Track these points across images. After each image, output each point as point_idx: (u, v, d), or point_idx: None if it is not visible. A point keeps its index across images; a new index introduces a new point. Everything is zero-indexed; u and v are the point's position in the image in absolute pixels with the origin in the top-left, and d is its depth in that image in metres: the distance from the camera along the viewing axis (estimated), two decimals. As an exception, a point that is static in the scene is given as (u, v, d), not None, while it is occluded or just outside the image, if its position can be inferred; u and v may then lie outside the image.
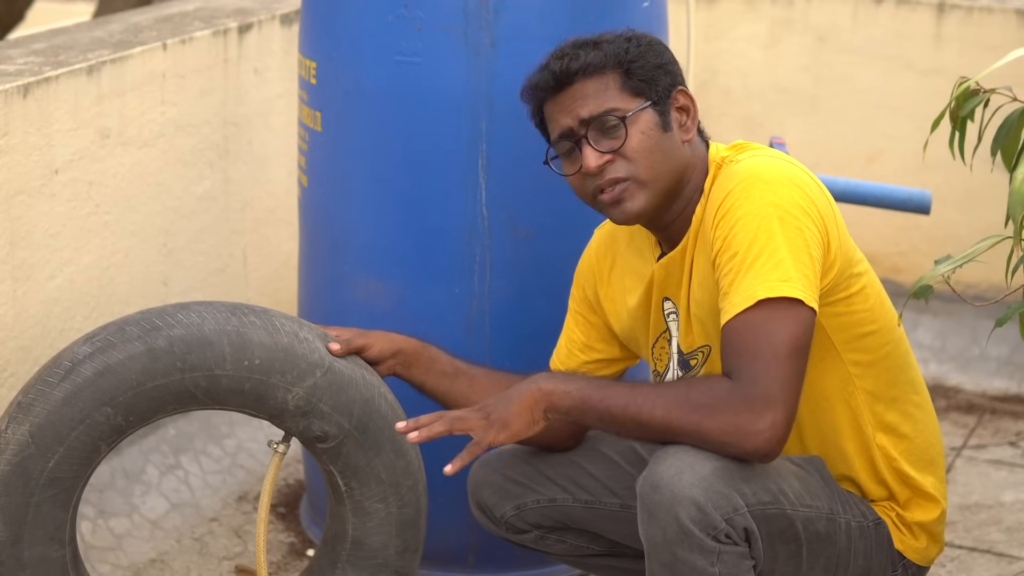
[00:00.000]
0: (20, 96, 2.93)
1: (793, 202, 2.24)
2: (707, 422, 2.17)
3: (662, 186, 2.35)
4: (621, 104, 2.35)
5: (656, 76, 2.36)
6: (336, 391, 2.48)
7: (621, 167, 2.34)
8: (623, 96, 2.35)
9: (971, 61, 4.13)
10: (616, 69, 2.35)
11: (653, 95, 2.36)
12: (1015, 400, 4.02)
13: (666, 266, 2.42)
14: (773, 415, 2.15)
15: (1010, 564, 3.19)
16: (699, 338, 2.40)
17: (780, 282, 2.19)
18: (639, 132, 2.34)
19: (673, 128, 2.37)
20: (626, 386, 2.29)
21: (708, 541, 2.16)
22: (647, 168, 2.34)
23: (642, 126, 2.35)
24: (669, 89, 2.37)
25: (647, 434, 2.25)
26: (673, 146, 2.37)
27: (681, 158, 2.37)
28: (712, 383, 2.20)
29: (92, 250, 3.17)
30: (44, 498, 2.41)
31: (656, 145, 2.35)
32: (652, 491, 2.17)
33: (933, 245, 4.27)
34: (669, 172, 2.36)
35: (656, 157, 2.35)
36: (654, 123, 2.35)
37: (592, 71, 2.35)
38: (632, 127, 2.34)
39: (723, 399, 2.17)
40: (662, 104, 2.36)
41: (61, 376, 2.40)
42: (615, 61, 2.35)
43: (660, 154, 2.35)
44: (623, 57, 2.35)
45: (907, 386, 2.45)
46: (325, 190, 2.99)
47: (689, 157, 2.39)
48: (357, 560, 2.61)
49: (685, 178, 2.38)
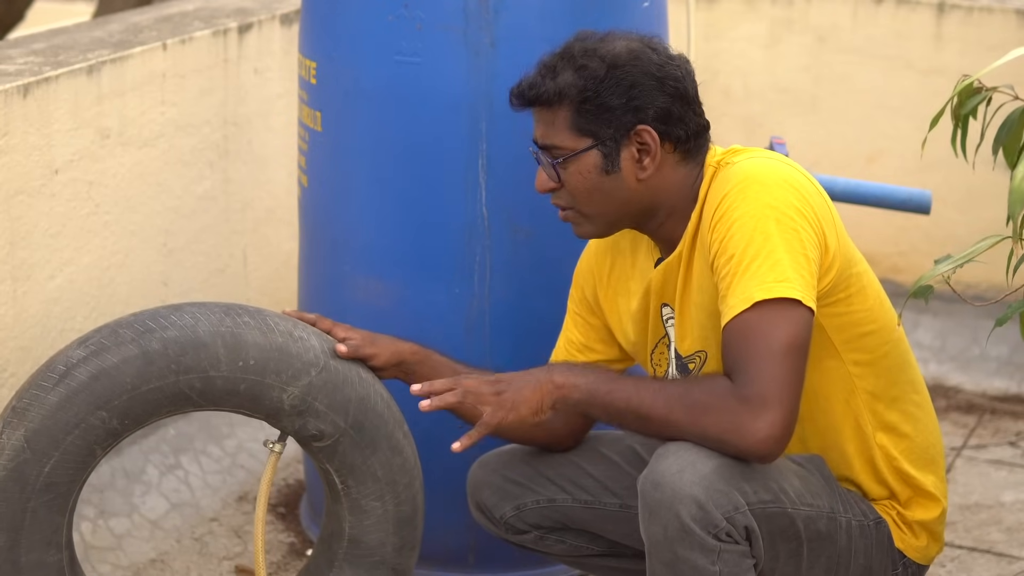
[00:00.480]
0: (20, 96, 2.93)
1: (789, 203, 2.24)
2: (706, 421, 2.17)
3: (608, 219, 2.38)
4: (565, 142, 2.34)
5: (610, 117, 2.32)
6: (331, 390, 2.49)
7: (564, 197, 2.38)
8: (569, 134, 2.34)
9: (971, 61, 4.13)
10: (568, 105, 2.34)
11: (603, 135, 2.33)
12: (1015, 400, 4.02)
13: (663, 271, 2.42)
14: (771, 415, 2.15)
15: (1010, 564, 3.19)
16: (697, 342, 2.40)
17: (777, 283, 2.19)
18: (577, 173, 2.35)
19: (621, 168, 2.34)
20: (631, 381, 2.30)
21: (709, 539, 2.16)
22: (585, 205, 2.37)
23: (581, 167, 2.35)
24: (627, 128, 2.33)
25: (649, 429, 2.26)
26: (618, 187, 2.35)
27: (630, 196, 2.35)
28: (713, 382, 2.20)
29: (92, 250, 3.17)
30: (40, 503, 2.41)
31: (594, 187, 2.35)
32: (653, 489, 2.17)
33: (933, 245, 4.27)
34: (613, 209, 2.36)
35: (595, 197, 2.36)
36: (594, 166, 2.34)
37: (544, 101, 2.35)
38: (570, 167, 2.35)
39: (722, 398, 2.17)
40: (612, 144, 2.33)
41: (55, 380, 2.40)
42: (569, 98, 2.33)
43: (599, 194, 2.35)
44: (577, 96, 2.33)
45: (907, 386, 2.45)
46: (325, 190, 2.98)
47: (645, 192, 2.35)
48: (354, 558, 2.61)
49: (647, 207, 2.37)
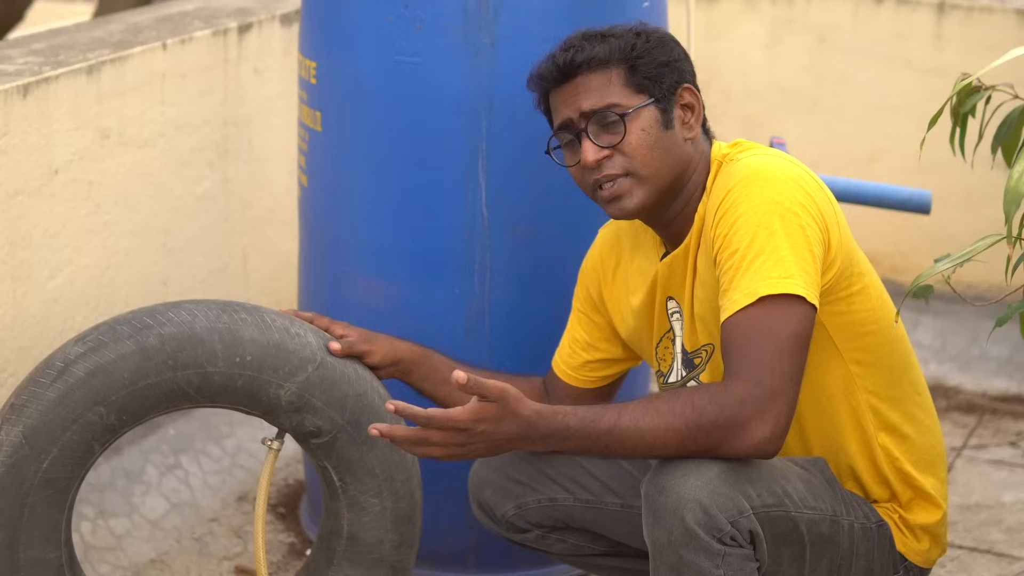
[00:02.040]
0: (20, 96, 2.93)
1: (793, 199, 2.24)
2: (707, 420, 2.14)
3: (661, 183, 2.36)
4: (623, 100, 2.35)
5: (661, 73, 2.37)
6: (328, 386, 2.49)
7: (619, 163, 2.35)
8: (626, 92, 2.35)
9: (971, 61, 4.13)
10: (621, 64, 2.36)
11: (656, 92, 2.36)
12: (1015, 400, 4.02)
13: (669, 265, 2.42)
14: (777, 410, 2.15)
15: (1010, 564, 3.19)
16: (702, 337, 2.40)
17: (781, 279, 2.19)
18: (639, 129, 2.35)
19: (675, 126, 2.38)
20: (626, 417, 2.16)
21: (713, 543, 2.16)
22: (645, 165, 2.35)
23: (642, 123, 2.35)
24: (674, 86, 2.38)
25: (648, 450, 2.18)
26: (674, 144, 2.37)
27: (681, 156, 2.38)
28: (708, 386, 2.19)
29: (92, 250, 3.17)
30: (39, 499, 2.41)
31: (656, 142, 2.35)
32: (657, 493, 2.17)
33: (933, 245, 4.27)
34: (668, 169, 2.36)
35: (655, 154, 2.35)
36: (655, 120, 2.36)
37: (596, 65, 2.36)
38: (632, 123, 2.34)
39: (723, 396, 2.15)
40: (665, 101, 2.37)
41: (53, 377, 2.40)
42: (620, 56, 2.36)
43: (659, 151, 2.35)
44: (629, 53, 2.36)
45: (909, 386, 2.45)
46: (325, 190, 2.98)
47: (691, 155, 2.39)
48: (353, 556, 2.61)
49: (686, 176, 2.39)
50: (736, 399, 2.15)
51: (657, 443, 2.16)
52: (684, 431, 2.16)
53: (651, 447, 2.17)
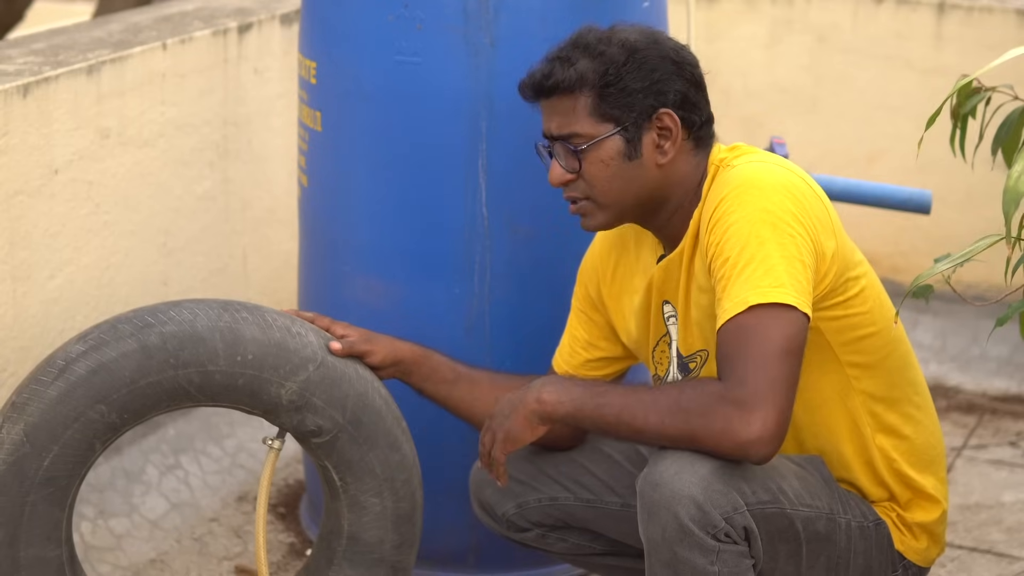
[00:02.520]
0: (20, 96, 2.93)
1: (785, 209, 2.24)
2: (699, 425, 2.16)
3: (623, 208, 2.38)
4: (586, 129, 2.34)
5: (632, 102, 2.33)
6: (329, 385, 2.49)
7: (580, 187, 2.38)
8: (590, 120, 2.34)
9: (971, 61, 4.12)
10: (590, 91, 2.34)
11: (625, 120, 2.34)
12: (1015, 400, 4.02)
13: (665, 268, 2.42)
14: (763, 416, 2.14)
15: (1010, 564, 3.19)
16: (697, 341, 2.40)
17: (771, 288, 2.18)
18: (598, 160, 2.35)
19: (643, 154, 2.35)
20: (620, 393, 2.28)
21: (708, 540, 2.16)
22: (603, 194, 2.36)
23: (602, 154, 2.35)
24: (649, 112, 2.34)
25: (643, 439, 2.26)
26: (638, 173, 2.36)
27: (648, 182, 2.36)
28: (703, 386, 2.20)
29: (92, 250, 3.17)
30: (40, 497, 2.41)
31: (615, 174, 2.35)
32: (652, 490, 2.17)
33: (933, 245, 4.27)
34: (631, 197, 2.37)
35: (614, 185, 2.35)
36: (616, 152, 2.35)
37: (564, 90, 2.35)
38: (591, 155, 2.35)
39: (713, 400, 2.16)
40: (634, 129, 2.34)
41: (55, 375, 2.40)
42: (591, 82, 2.34)
43: (619, 182, 2.35)
44: (598, 81, 2.33)
45: (907, 387, 2.45)
46: (325, 190, 2.98)
47: (666, 176, 2.37)
48: (353, 555, 2.61)
49: (663, 193, 2.38)
50: (722, 408, 2.15)
51: (651, 439, 2.23)
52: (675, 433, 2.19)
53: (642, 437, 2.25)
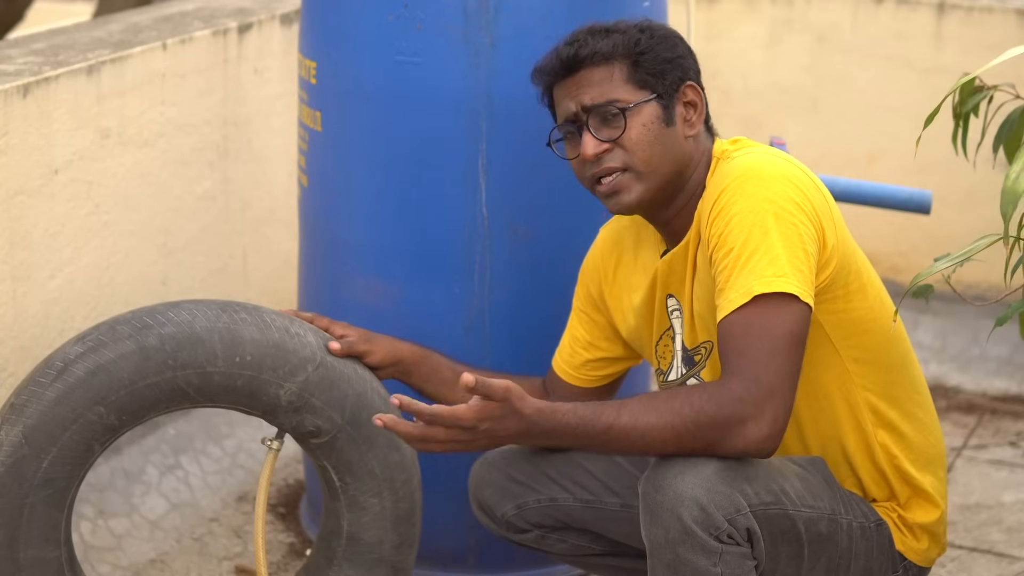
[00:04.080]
0: (20, 96, 2.93)
1: (788, 198, 2.24)
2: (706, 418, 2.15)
3: (659, 179, 2.37)
4: (625, 95, 2.36)
5: (664, 70, 2.37)
6: (328, 386, 2.49)
7: (619, 157, 2.36)
8: (628, 87, 2.36)
9: (971, 61, 4.12)
10: (624, 59, 2.37)
11: (659, 88, 2.37)
12: (1015, 400, 4.02)
13: (669, 262, 2.42)
14: (774, 408, 2.15)
15: (1010, 564, 3.19)
16: (702, 334, 2.40)
17: (775, 278, 2.19)
18: (640, 124, 2.35)
19: (677, 123, 2.38)
20: (623, 417, 2.17)
21: (711, 541, 2.16)
22: (645, 160, 2.35)
23: (643, 119, 2.36)
24: (677, 83, 2.39)
25: (655, 454, 2.21)
26: (674, 141, 2.37)
27: (681, 153, 2.38)
28: (706, 385, 2.20)
29: (92, 250, 3.17)
30: (39, 499, 2.41)
31: (656, 138, 2.36)
32: (655, 491, 2.17)
33: (933, 245, 4.27)
34: (668, 166, 2.37)
35: (655, 150, 2.35)
36: (656, 116, 2.36)
37: (599, 59, 2.36)
38: (633, 119, 2.35)
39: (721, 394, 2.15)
40: (667, 98, 2.37)
41: (53, 376, 2.40)
42: (624, 51, 2.37)
43: (660, 147, 2.36)
44: (632, 48, 2.37)
45: (908, 385, 2.45)
46: (325, 190, 2.98)
47: (691, 152, 2.39)
48: (353, 556, 2.61)
49: (686, 173, 2.39)
50: (733, 397, 2.15)
51: (655, 441, 2.17)
52: (682, 429, 2.16)
53: (649, 445, 2.18)
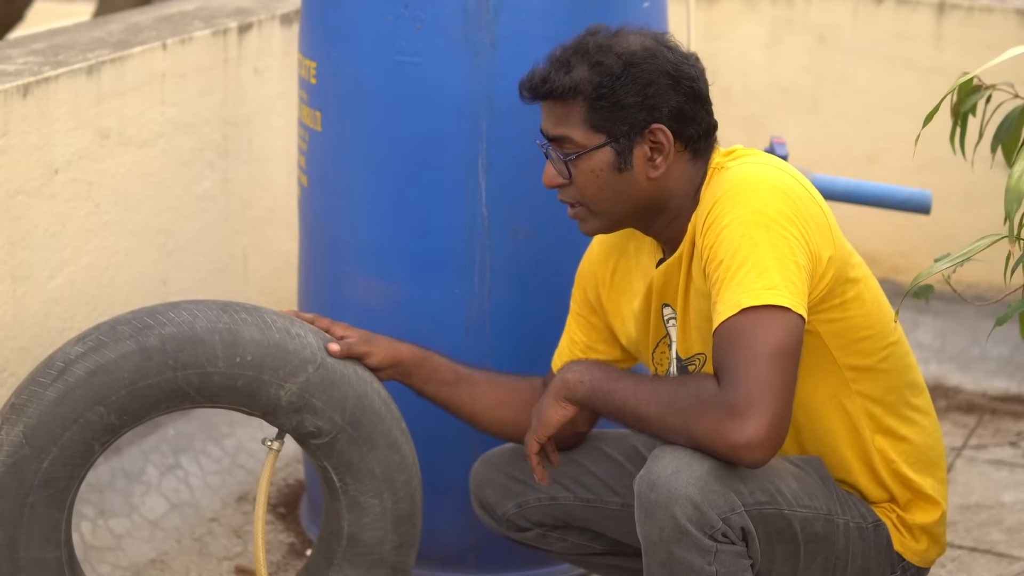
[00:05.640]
0: (20, 96, 2.93)
1: (778, 210, 2.23)
2: (694, 425, 2.17)
3: (616, 216, 2.38)
4: (579, 137, 2.34)
5: (625, 115, 2.32)
6: (329, 387, 2.49)
7: (572, 193, 2.38)
8: (583, 128, 2.34)
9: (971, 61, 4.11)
10: (583, 100, 2.33)
11: (617, 132, 2.32)
12: (1015, 400, 4.02)
13: (665, 272, 2.42)
14: (755, 419, 2.13)
15: (1010, 564, 3.19)
16: (696, 344, 2.40)
17: (765, 290, 2.18)
18: (588, 170, 2.34)
19: (633, 166, 2.34)
20: (631, 381, 2.30)
21: (705, 540, 2.16)
22: (594, 202, 2.37)
23: (593, 165, 2.34)
24: (641, 126, 2.32)
25: (646, 430, 2.27)
26: (628, 184, 2.35)
27: (639, 194, 2.35)
28: (699, 386, 2.20)
29: (92, 250, 3.17)
30: (39, 499, 2.41)
31: (605, 184, 2.34)
32: (649, 490, 2.17)
33: (933, 245, 4.27)
34: (621, 207, 2.36)
35: (604, 195, 2.35)
36: (607, 163, 2.34)
37: (559, 95, 2.34)
38: (582, 164, 2.34)
39: (707, 403, 2.16)
40: (625, 141, 2.33)
41: (54, 376, 2.40)
42: (584, 91, 2.32)
43: (609, 192, 2.35)
44: (591, 92, 2.32)
45: (906, 389, 2.44)
46: (325, 190, 2.98)
47: (658, 188, 2.35)
48: (353, 556, 2.61)
49: (656, 205, 2.37)
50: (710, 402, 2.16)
51: (654, 431, 2.25)
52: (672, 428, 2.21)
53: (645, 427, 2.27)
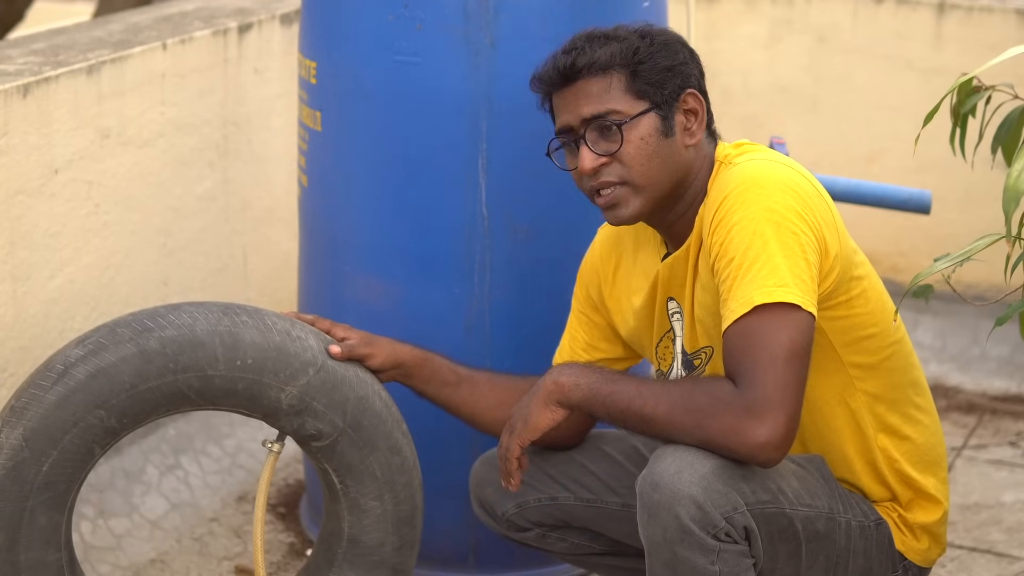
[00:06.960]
0: (20, 96, 2.93)
1: (788, 207, 2.23)
2: (708, 425, 2.16)
3: (658, 192, 2.35)
4: (623, 107, 2.33)
5: (664, 79, 2.33)
6: (329, 389, 2.49)
7: (616, 171, 2.34)
8: (626, 98, 2.33)
9: (971, 61, 4.12)
10: (622, 69, 2.33)
11: (658, 98, 2.33)
12: (1015, 400, 4.02)
13: (671, 266, 2.42)
14: (773, 420, 2.14)
15: (1010, 564, 3.19)
16: (702, 339, 2.40)
17: (776, 287, 2.18)
18: (637, 138, 2.32)
19: (676, 132, 2.35)
20: (634, 381, 2.28)
21: (708, 540, 2.16)
22: (642, 174, 2.33)
23: (641, 131, 2.33)
24: (677, 92, 2.35)
25: (651, 431, 2.25)
26: (673, 152, 2.35)
27: (680, 163, 2.36)
28: (715, 385, 2.20)
29: (92, 250, 3.17)
30: (39, 502, 2.41)
31: (654, 151, 2.33)
32: (652, 490, 2.17)
33: (933, 245, 4.27)
34: (667, 177, 2.35)
35: (653, 163, 2.33)
36: (655, 128, 2.33)
37: (597, 69, 2.33)
38: (630, 132, 2.32)
39: (724, 403, 2.16)
40: (667, 108, 2.34)
41: (54, 379, 2.40)
42: (622, 61, 2.33)
43: (658, 160, 2.33)
44: (631, 58, 2.33)
45: (909, 388, 2.44)
46: (325, 190, 2.99)
47: (691, 161, 2.37)
48: (354, 557, 2.61)
49: (686, 181, 2.37)
50: (728, 403, 2.15)
51: (659, 432, 2.23)
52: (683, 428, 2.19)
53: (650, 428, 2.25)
